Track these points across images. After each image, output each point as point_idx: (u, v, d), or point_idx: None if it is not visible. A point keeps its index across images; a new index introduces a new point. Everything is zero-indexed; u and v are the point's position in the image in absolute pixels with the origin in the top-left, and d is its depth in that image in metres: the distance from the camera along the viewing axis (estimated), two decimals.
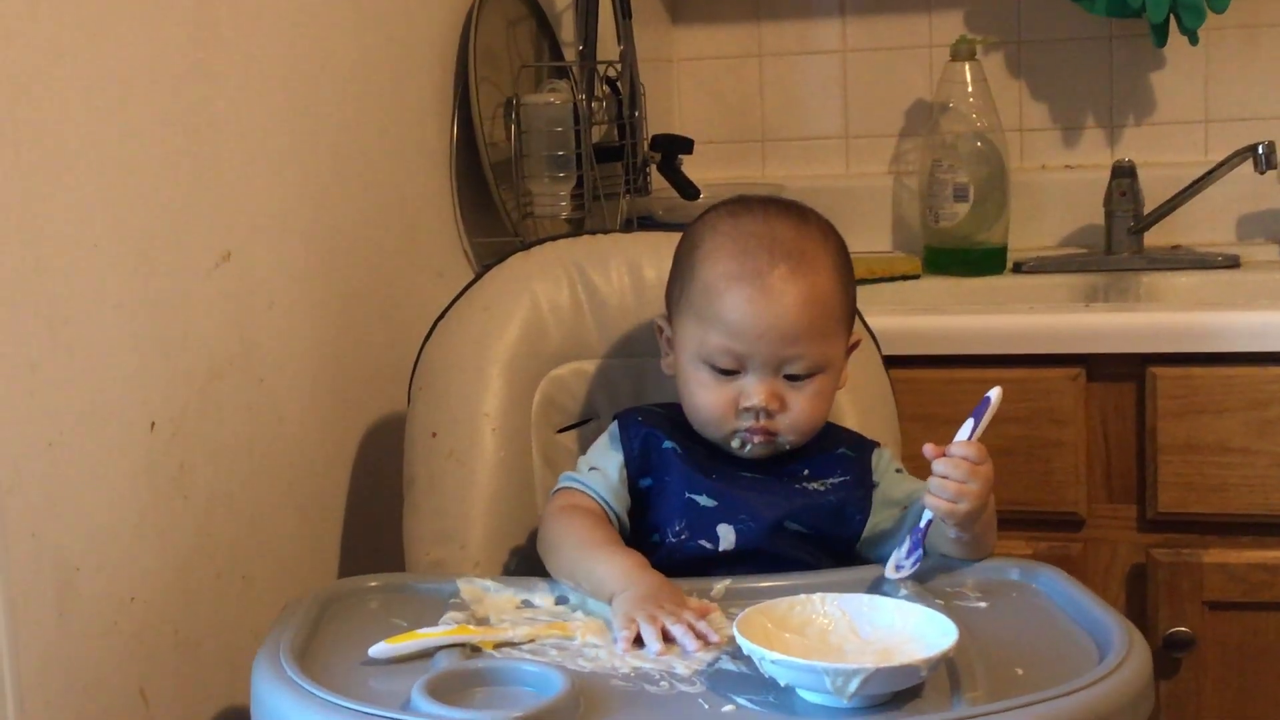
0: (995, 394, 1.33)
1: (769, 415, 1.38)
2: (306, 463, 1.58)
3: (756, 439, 1.39)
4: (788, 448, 1.41)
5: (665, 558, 1.36)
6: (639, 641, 1.20)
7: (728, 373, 1.38)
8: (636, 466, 1.42)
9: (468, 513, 1.50)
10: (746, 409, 1.38)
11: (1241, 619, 1.83)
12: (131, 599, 1.29)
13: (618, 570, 1.30)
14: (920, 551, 1.33)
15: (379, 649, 1.20)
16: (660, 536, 1.40)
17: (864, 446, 1.47)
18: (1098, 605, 1.26)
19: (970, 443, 1.31)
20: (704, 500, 1.39)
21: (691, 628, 1.20)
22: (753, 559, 1.37)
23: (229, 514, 1.43)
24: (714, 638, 1.20)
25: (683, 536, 1.39)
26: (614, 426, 1.46)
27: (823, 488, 1.41)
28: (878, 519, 1.43)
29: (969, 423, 1.33)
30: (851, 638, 1.17)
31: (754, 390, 1.37)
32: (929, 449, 1.32)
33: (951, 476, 1.29)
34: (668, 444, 1.42)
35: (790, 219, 1.41)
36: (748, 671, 1.15)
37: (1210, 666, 1.85)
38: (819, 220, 1.45)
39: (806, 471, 1.42)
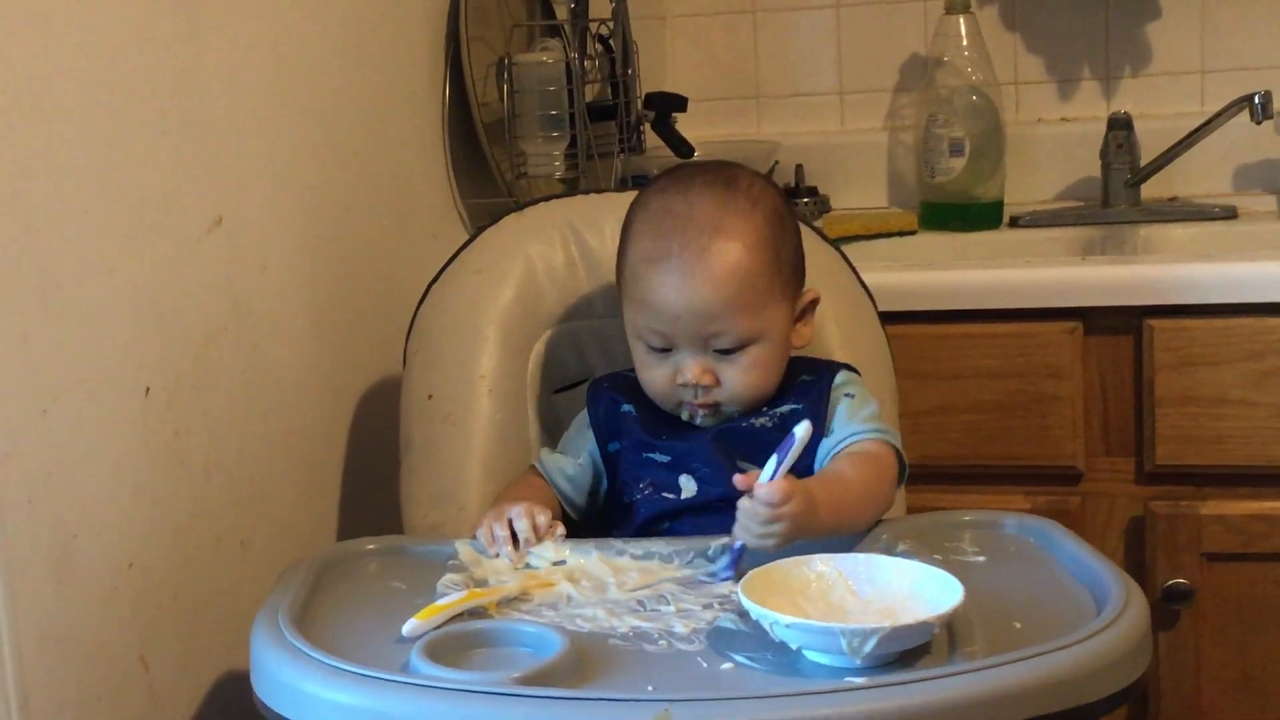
0: (802, 430, 1.25)
1: (705, 390, 1.39)
2: (303, 426, 1.58)
3: (701, 412, 1.41)
4: (736, 414, 1.41)
5: (637, 513, 1.41)
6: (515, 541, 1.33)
7: (663, 350, 1.39)
8: (604, 434, 1.45)
9: (464, 475, 1.50)
10: (682, 385, 1.39)
11: (1240, 570, 1.84)
12: (130, 565, 1.29)
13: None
14: (734, 571, 1.26)
15: (412, 626, 1.16)
16: (629, 495, 1.43)
17: (826, 370, 1.45)
18: (1095, 558, 1.26)
19: (772, 485, 1.24)
20: (659, 457, 1.42)
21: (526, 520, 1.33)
22: (717, 506, 1.36)
23: (226, 479, 1.43)
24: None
25: (647, 492, 1.41)
26: (588, 397, 1.48)
27: (770, 423, 1.40)
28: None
29: (773, 461, 1.25)
30: (850, 598, 1.17)
31: (686, 368, 1.38)
32: (738, 480, 1.26)
33: (753, 520, 1.24)
34: (626, 407, 1.44)
35: (714, 191, 1.39)
36: (747, 630, 1.15)
37: (1209, 618, 1.85)
38: (750, 187, 1.40)
39: (763, 410, 1.42)
